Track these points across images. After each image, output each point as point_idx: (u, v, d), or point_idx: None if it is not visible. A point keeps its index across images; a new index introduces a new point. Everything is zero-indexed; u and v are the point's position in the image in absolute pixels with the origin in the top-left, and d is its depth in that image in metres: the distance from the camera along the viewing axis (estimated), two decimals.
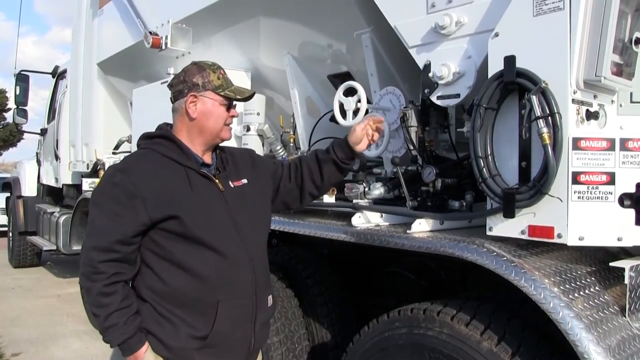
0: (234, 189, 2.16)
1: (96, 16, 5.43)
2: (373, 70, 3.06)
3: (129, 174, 1.98)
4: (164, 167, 2.03)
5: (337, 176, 2.40)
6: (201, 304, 2.00)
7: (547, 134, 1.87)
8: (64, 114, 6.82)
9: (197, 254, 1.98)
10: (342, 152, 2.31)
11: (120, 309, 1.93)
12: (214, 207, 2.05)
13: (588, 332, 1.77)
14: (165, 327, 1.99)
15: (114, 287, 1.93)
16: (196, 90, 2.08)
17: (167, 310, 1.99)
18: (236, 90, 2.14)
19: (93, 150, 5.47)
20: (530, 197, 1.94)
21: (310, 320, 3.25)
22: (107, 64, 5.44)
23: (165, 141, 2.10)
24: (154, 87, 4.18)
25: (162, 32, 4.10)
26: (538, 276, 1.93)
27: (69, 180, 6.78)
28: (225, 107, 2.11)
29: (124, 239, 1.94)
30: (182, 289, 1.98)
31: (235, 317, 2.04)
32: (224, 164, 2.20)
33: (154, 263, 2.01)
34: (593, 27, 1.92)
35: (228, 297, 2.02)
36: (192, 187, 2.02)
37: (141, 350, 1.97)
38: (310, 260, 3.51)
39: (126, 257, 1.97)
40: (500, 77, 2.02)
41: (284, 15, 3.43)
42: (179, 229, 1.96)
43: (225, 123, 2.11)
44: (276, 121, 3.85)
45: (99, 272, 1.92)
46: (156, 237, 1.98)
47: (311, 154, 2.42)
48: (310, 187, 2.38)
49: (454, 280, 3.12)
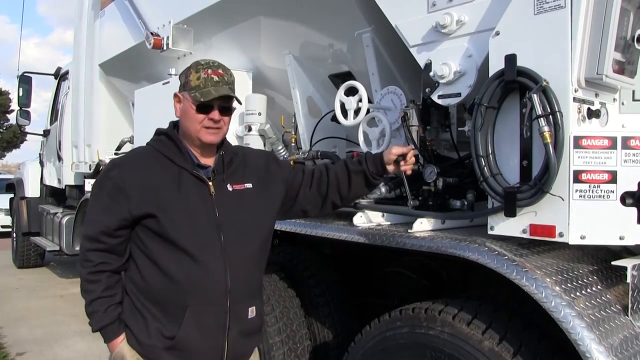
0: (232, 192, 2.10)
1: (97, 17, 5.44)
2: (374, 69, 3.06)
3: (122, 169, 2.03)
4: (157, 165, 2.04)
5: (363, 190, 2.37)
6: (171, 306, 2.00)
7: (548, 132, 1.86)
8: (66, 115, 6.85)
9: (171, 256, 1.98)
10: (374, 167, 2.28)
11: (101, 297, 1.99)
12: (198, 210, 2.01)
13: (590, 331, 1.77)
14: (139, 321, 2.02)
15: (98, 276, 2.00)
16: (180, 89, 2.09)
17: (143, 305, 2.02)
18: (207, 93, 1.99)
19: (95, 151, 5.48)
20: (532, 196, 1.94)
21: (312, 320, 3.25)
22: (108, 65, 5.45)
23: (166, 139, 2.11)
24: (156, 87, 4.19)
25: (163, 33, 4.11)
26: (539, 275, 1.92)
27: (71, 181, 6.80)
28: (196, 109, 2.01)
29: (108, 231, 1.98)
30: (156, 287, 2.00)
31: (203, 324, 2.00)
32: (226, 166, 2.13)
33: (137, 258, 2.04)
34: (594, 25, 1.91)
35: (197, 304, 1.98)
36: (179, 187, 2.01)
37: (116, 340, 2.01)
38: (312, 260, 3.51)
39: (112, 248, 2.01)
40: (501, 76, 2.02)
41: (284, 15, 3.44)
42: (156, 228, 1.97)
43: (202, 125, 2.02)
44: (277, 121, 3.85)
45: (86, 259, 2.01)
46: (140, 233, 2.01)
47: (340, 164, 2.37)
48: (334, 197, 2.32)
49: (455, 279, 3.11)
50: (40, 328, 6.16)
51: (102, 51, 5.43)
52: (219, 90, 2.00)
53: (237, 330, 2.06)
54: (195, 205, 2.01)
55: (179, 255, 1.97)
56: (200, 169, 2.08)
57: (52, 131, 8.21)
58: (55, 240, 7.61)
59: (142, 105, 4.52)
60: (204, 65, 2.06)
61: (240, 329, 2.08)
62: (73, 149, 6.24)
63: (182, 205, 1.99)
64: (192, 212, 2.00)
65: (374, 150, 2.92)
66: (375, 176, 2.29)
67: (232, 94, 2.05)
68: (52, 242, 7.97)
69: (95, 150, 5.50)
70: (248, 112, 3.70)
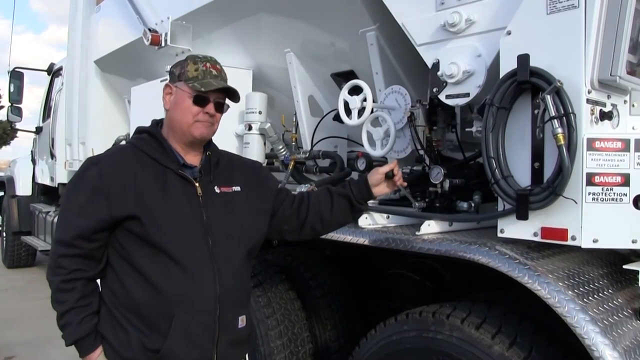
0: (220, 194, 2.01)
1: (93, 13, 5.36)
2: (378, 68, 3.01)
3: (100, 167, 1.89)
4: (138, 164, 1.92)
5: (346, 216, 2.26)
6: (155, 316, 1.86)
7: (561, 134, 1.84)
8: (59, 112, 6.74)
9: (155, 262, 1.85)
10: (358, 191, 2.19)
11: (76, 307, 1.85)
12: (184, 213, 1.90)
13: (604, 336, 1.74)
14: (118, 333, 1.88)
15: (72, 284, 1.85)
16: (172, 80, 2.00)
17: (123, 315, 1.88)
18: (207, 84, 1.92)
19: (90, 149, 5.40)
20: (545, 199, 1.91)
21: (314, 323, 3.21)
22: (104, 62, 5.37)
23: (148, 137, 2.00)
24: (153, 85, 4.12)
25: (161, 29, 4.03)
26: (552, 279, 1.89)
27: (65, 180, 6.69)
28: (193, 100, 1.92)
29: (85, 235, 1.84)
30: (138, 295, 1.86)
31: (191, 336, 1.87)
32: (213, 167, 2.04)
33: (116, 264, 1.91)
34: (608, 26, 1.88)
35: (184, 313, 1.85)
36: (164, 188, 1.89)
37: (93, 354, 1.88)
38: (313, 262, 3.48)
39: (89, 254, 1.87)
40: (513, 76, 1.98)
41: (286, 12, 3.38)
42: (139, 231, 1.84)
43: (196, 118, 1.93)
44: (277, 120, 3.80)
45: (59, 266, 1.86)
46: (120, 237, 1.88)
47: (323, 189, 2.29)
48: (314, 221, 2.20)
49: (459, 281, 3.09)
50: (31, 330, 6.01)
51: (98, 47, 5.35)
52: (220, 83, 1.95)
53: (226, 340, 1.95)
54: (181, 207, 1.90)
55: (164, 261, 1.85)
56: (186, 169, 1.97)
57: (45, 128, 8.10)
58: (47, 240, 7.52)
59: (139, 102, 4.46)
60: (202, 58, 1.99)
61: (229, 338, 1.96)
62: (67, 147, 6.14)
63: (168, 206, 1.87)
64: (178, 214, 1.89)
65: (379, 150, 2.88)
66: (360, 201, 2.21)
67: (233, 89, 1.99)
68: (43, 242, 7.87)
69: (89, 148, 5.42)
70: (248, 110, 3.65)
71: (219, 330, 1.92)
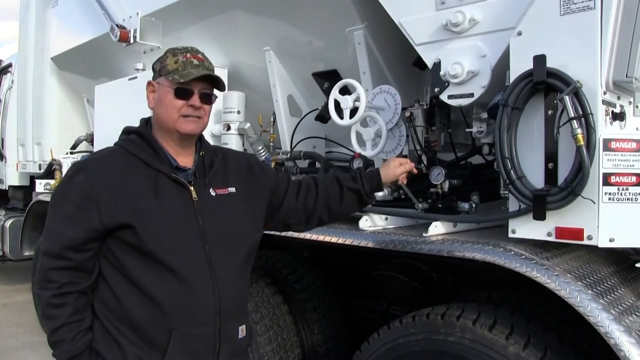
0: (215, 198, 1.90)
1: (49, 8, 5.09)
2: (366, 68, 2.97)
3: (88, 173, 1.78)
4: (130, 169, 1.81)
5: (354, 208, 2.25)
6: (153, 330, 1.76)
7: (581, 134, 1.84)
8: (10, 111, 6.39)
9: (151, 272, 1.75)
10: (369, 186, 2.17)
11: (68, 323, 1.73)
12: (180, 220, 1.80)
13: (629, 335, 1.75)
14: (113, 349, 1.77)
15: (64, 299, 1.73)
16: (154, 77, 1.90)
17: (118, 330, 1.77)
18: (187, 74, 1.80)
19: (47, 149, 5.12)
20: (563, 199, 1.91)
21: (301, 327, 3.14)
22: (62, 59, 5.10)
23: (138, 138, 1.88)
24: (121, 83, 3.94)
25: (129, 25, 3.86)
26: (571, 279, 1.90)
27: (16, 182, 6.35)
28: (175, 93, 1.81)
29: (75, 246, 1.73)
30: (133, 309, 1.76)
31: (191, 349, 1.78)
32: (207, 168, 1.94)
33: (109, 275, 1.80)
34: (624, 28, 1.91)
35: (183, 326, 1.77)
36: (158, 194, 1.79)
37: None
38: (296, 265, 3.40)
39: (80, 266, 1.75)
40: (528, 77, 1.98)
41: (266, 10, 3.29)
42: (133, 240, 1.74)
43: (181, 113, 1.82)
44: (254, 120, 3.70)
45: (49, 280, 1.73)
46: (112, 247, 1.77)
47: (331, 178, 2.20)
48: (322, 213, 2.16)
49: (447, 282, 3.09)
50: None
51: (56, 44, 5.07)
52: (200, 72, 1.82)
53: (227, 352, 1.86)
54: (176, 213, 1.80)
55: (161, 271, 1.75)
56: (179, 172, 1.87)
57: None
58: None
59: (104, 102, 4.24)
60: (182, 49, 1.88)
61: (230, 350, 1.87)
62: (19, 147, 5.81)
63: (162, 213, 1.77)
64: (174, 221, 1.79)
65: (369, 151, 2.83)
66: (369, 195, 2.19)
67: (216, 75, 1.87)
68: None
69: (47, 148, 5.13)
70: (226, 110, 3.53)
71: (220, 342, 1.83)
